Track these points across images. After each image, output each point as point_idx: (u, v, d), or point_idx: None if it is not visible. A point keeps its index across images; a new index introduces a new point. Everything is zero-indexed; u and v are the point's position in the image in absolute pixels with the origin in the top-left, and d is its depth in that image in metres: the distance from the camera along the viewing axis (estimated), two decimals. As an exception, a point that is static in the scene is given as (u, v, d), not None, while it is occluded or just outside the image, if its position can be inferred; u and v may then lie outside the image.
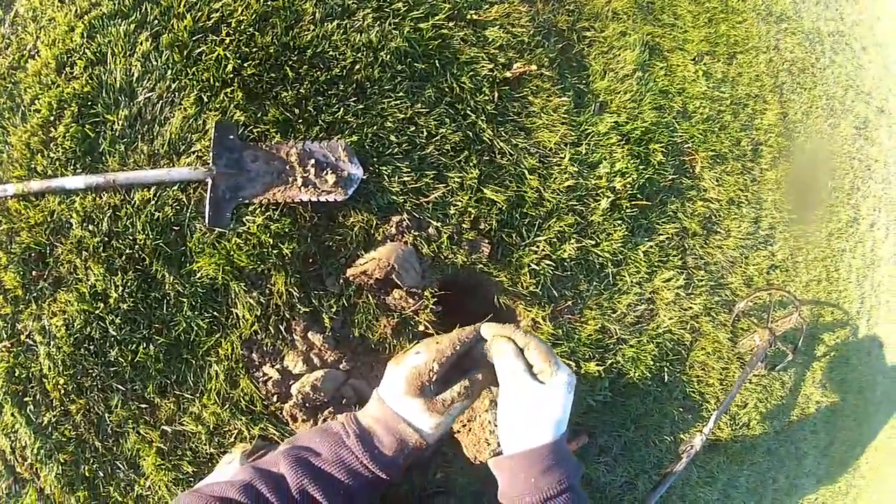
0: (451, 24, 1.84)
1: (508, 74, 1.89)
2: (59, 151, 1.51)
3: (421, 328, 1.67)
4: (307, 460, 1.07)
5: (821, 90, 3.13)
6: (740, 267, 2.44)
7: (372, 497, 1.13)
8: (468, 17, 1.88)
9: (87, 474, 1.53)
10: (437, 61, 1.79)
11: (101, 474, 1.54)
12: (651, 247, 2.11)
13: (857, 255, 3.10)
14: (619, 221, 2.03)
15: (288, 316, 1.59)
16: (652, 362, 2.07)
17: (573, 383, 1.15)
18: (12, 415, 1.50)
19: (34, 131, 1.51)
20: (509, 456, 1.12)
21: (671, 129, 2.26)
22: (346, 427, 1.13)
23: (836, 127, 3.15)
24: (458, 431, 1.71)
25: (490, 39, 1.90)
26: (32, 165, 1.51)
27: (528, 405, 1.12)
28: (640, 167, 2.09)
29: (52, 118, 1.52)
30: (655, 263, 2.13)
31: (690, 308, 2.21)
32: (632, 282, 2.05)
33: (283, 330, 1.59)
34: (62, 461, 1.51)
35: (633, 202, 2.06)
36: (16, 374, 1.49)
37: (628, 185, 2.04)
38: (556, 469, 1.08)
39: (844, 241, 3.03)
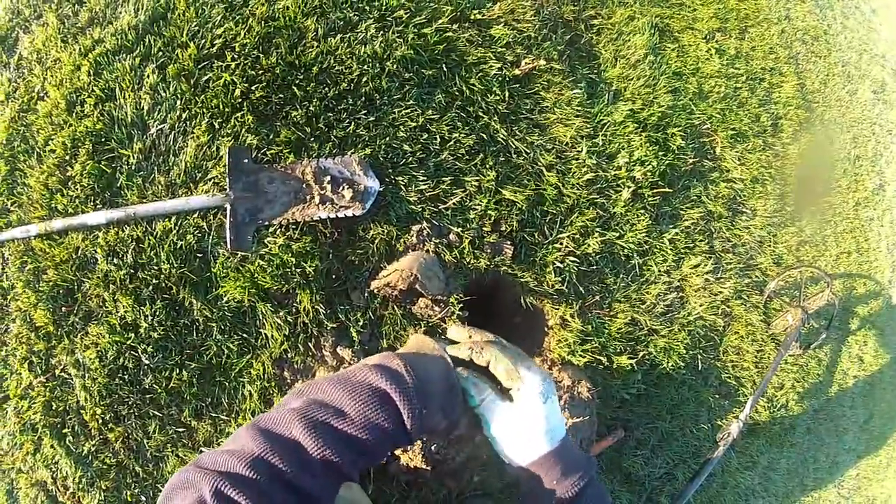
0: (455, 26, 1.82)
1: (518, 72, 1.86)
2: (77, 189, 1.53)
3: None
4: (328, 425, 0.95)
5: (836, 57, 3.04)
6: (769, 246, 2.38)
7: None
8: (472, 17, 1.85)
9: (129, 499, 1.54)
10: (444, 65, 1.76)
11: (144, 498, 1.55)
12: (676, 234, 2.07)
13: (885, 222, 3.00)
14: (642, 211, 1.99)
15: (316, 332, 1.59)
16: (685, 351, 2.03)
17: (548, 390, 1.12)
18: (52, 446, 1.52)
19: (51, 171, 1.53)
20: (521, 468, 1.11)
21: (688, 111, 2.21)
22: (391, 376, 1.01)
23: (854, 93, 3.06)
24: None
25: (496, 38, 1.87)
26: (53, 205, 1.53)
27: (506, 425, 1.11)
28: (660, 153, 2.05)
29: (67, 157, 1.53)
30: (682, 250, 2.09)
31: (721, 292, 2.17)
32: (659, 271, 2.01)
33: (312, 347, 1.59)
34: (104, 488, 1.53)
35: (654, 190, 2.02)
36: (53, 407, 1.52)
37: (649, 174, 1.99)
38: (568, 475, 1.08)
39: (872, 210, 2.94)
